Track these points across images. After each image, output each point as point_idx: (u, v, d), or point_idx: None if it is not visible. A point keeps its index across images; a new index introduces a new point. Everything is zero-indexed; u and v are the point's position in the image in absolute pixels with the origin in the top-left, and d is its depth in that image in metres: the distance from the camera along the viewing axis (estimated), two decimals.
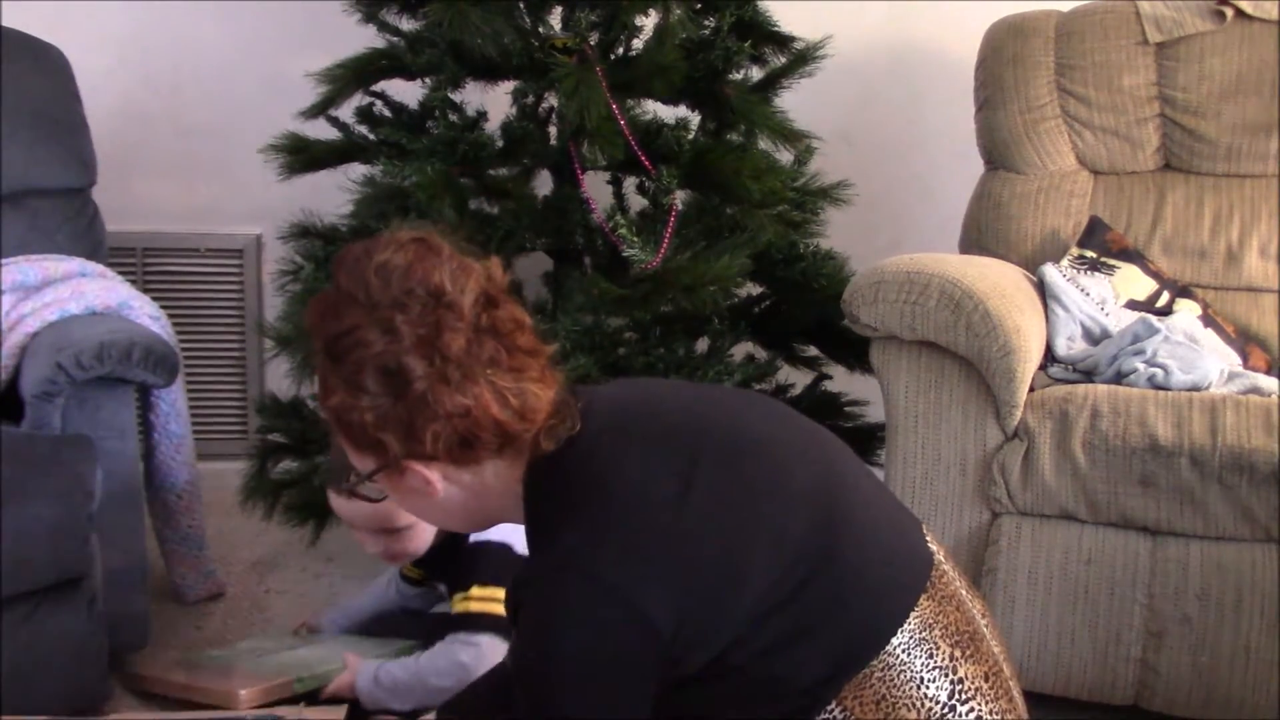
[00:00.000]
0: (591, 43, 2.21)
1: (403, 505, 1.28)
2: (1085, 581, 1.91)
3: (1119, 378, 2.06)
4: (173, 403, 2.19)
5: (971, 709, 1.17)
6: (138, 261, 2.85)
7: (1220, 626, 1.85)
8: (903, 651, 1.15)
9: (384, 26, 2.35)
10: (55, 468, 1.82)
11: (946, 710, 1.15)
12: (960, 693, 1.16)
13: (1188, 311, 2.25)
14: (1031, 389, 1.99)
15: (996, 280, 2.03)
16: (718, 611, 1.12)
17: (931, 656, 1.16)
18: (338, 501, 1.73)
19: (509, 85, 2.29)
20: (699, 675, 1.14)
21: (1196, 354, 2.08)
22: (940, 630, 1.18)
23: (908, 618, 1.16)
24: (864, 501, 1.23)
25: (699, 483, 1.14)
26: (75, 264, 2.23)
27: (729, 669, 1.13)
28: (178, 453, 2.22)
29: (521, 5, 2.25)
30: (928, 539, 1.27)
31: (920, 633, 1.17)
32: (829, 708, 1.13)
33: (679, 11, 2.17)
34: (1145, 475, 1.85)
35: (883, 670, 1.14)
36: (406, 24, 2.34)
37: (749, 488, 1.17)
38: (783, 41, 2.40)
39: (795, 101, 2.39)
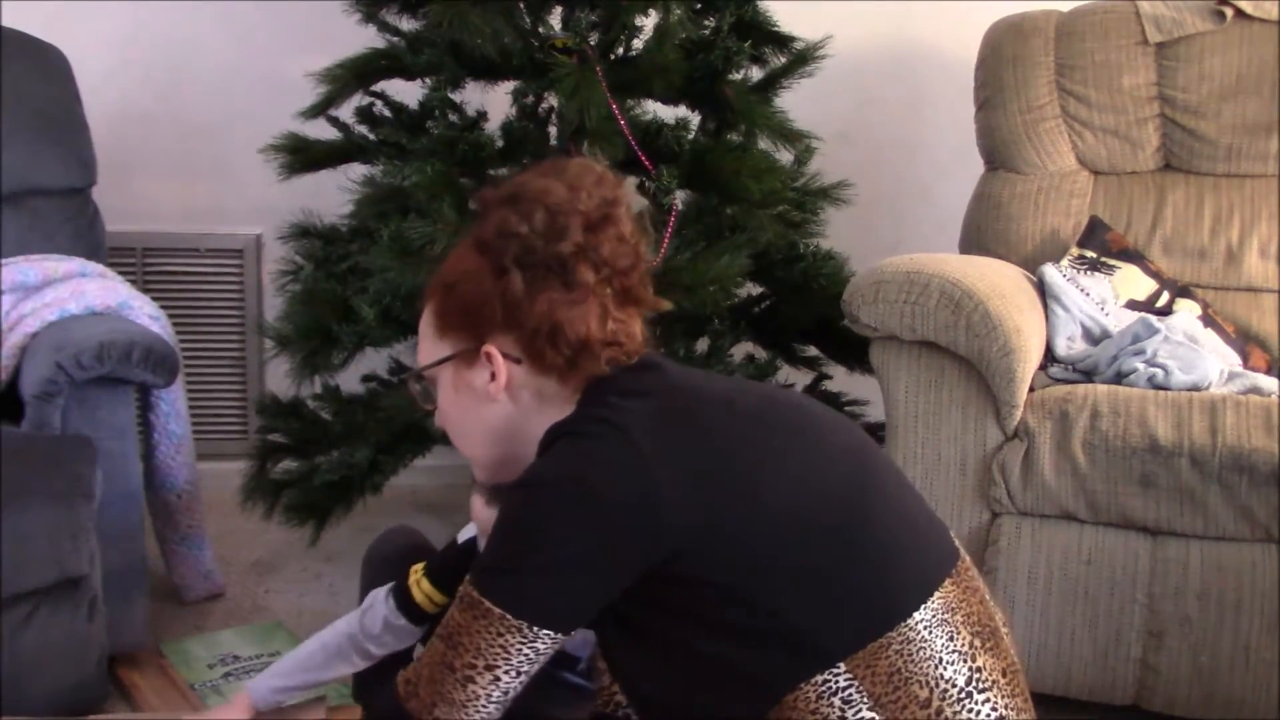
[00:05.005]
0: (591, 43, 2.21)
1: (448, 411, 1.30)
2: (1085, 581, 1.91)
3: (1119, 378, 2.06)
4: (173, 403, 2.19)
5: (988, 699, 1.16)
6: (138, 261, 2.85)
7: (1220, 626, 1.85)
8: (924, 628, 1.15)
9: (384, 26, 2.35)
10: (55, 468, 1.82)
11: (963, 695, 1.15)
12: (978, 681, 1.16)
13: (1188, 311, 2.25)
14: (1031, 389, 1.99)
15: (996, 280, 2.03)
16: (740, 519, 1.14)
17: (952, 640, 1.16)
18: (480, 509, 1.58)
19: (509, 85, 2.29)
20: (722, 599, 1.14)
21: (1196, 354, 2.08)
22: (962, 617, 1.19)
23: (932, 595, 1.17)
24: (896, 481, 1.27)
25: (742, 405, 1.22)
26: (75, 264, 2.23)
27: (751, 605, 1.14)
28: (178, 453, 2.22)
29: (521, 5, 2.25)
30: (957, 543, 1.28)
31: (943, 614, 1.17)
32: (836, 671, 1.13)
33: (679, 11, 2.16)
34: (1145, 475, 1.85)
35: (901, 644, 1.14)
36: (406, 24, 2.34)
37: (787, 424, 1.23)
38: (783, 41, 2.40)
39: (795, 101, 2.39)
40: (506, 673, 1.17)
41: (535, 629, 1.15)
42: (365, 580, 1.84)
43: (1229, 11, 2.40)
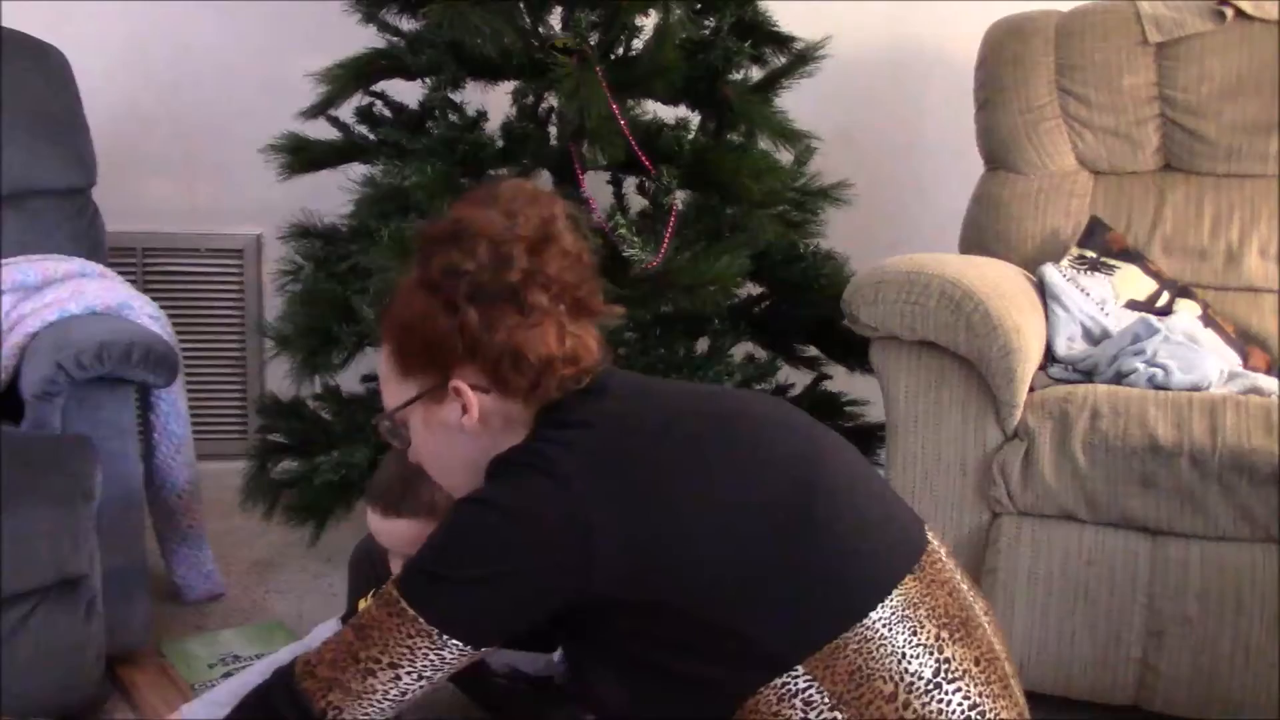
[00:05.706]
0: (591, 43, 2.21)
1: (422, 449, 1.33)
2: (1085, 581, 1.91)
3: (1119, 378, 2.06)
4: (173, 403, 2.19)
5: (959, 688, 1.17)
6: (138, 261, 2.85)
7: (1220, 626, 1.85)
8: (883, 626, 1.16)
9: (384, 26, 2.35)
10: (55, 468, 1.82)
11: (931, 686, 1.16)
12: (947, 672, 1.17)
13: (1188, 311, 2.25)
14: (1031, 389, 1.99)
15: (996, 280, 2.03)
16: (673, 545, 1.16)
17: (915, 634, 1.17)
18: (378, 524, 1.61)
19: (509, 85, 2.29)
20: (670, 618, 1.16)
21: (1196, 354, 2.08)
22: (926, 611, 1.19)
23: (890, 594, 1.18)
24: (851, 482, 1.27)
25: (680, 429, 1.25)
26: (75, 264, 2.23)
27: (692, 621, 1.16)
28: (178, 453, 2.22)
29: (521, 5, 2.25)
30: (929, 536, 1.28)
31: (904, 610, 1.18)
32: (794, 673, 1.14)
33: (679, 11, 2.16)
34: (1145, 475, 1.85)
35: (859, 643, 1.15)
36: (406, 24, 2.34)
37: (727, 442, 1.25)
38: (783, 41, 2.40)
39: (795, 101, 2.39)
40: (409, 674, 1.19)
41: (444, 638, 1.18)
42: (352, 580, 1.84)
43: (1229, 11, 2.40)
